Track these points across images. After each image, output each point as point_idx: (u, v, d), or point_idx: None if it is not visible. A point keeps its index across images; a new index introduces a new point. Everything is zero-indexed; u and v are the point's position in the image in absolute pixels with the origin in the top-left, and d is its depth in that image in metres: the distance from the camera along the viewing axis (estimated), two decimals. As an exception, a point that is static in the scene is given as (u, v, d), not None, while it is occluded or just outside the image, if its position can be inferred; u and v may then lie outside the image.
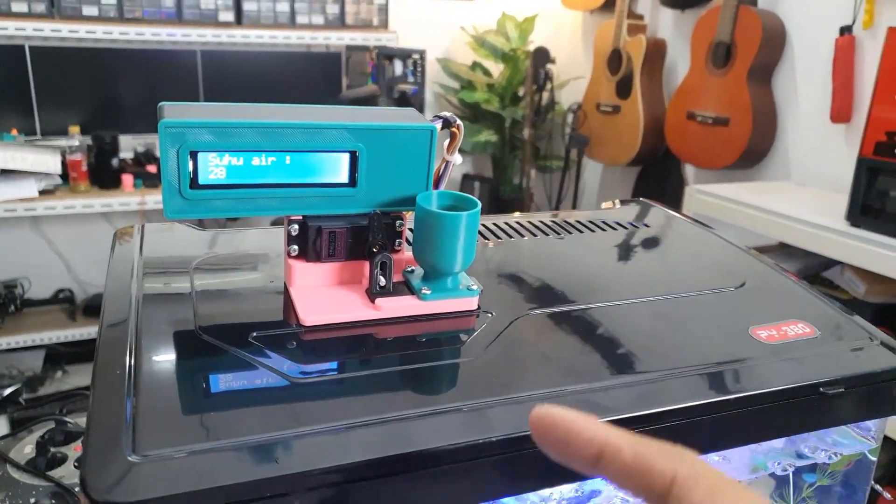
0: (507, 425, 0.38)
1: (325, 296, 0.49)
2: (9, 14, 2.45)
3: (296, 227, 0.49)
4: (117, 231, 0.61)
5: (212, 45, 2.81)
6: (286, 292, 0.51)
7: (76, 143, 2.55)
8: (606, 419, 0.40)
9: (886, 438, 1.65)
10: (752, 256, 0.62)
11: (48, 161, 2.45)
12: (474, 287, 0.50)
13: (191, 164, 0.46)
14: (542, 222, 0.67)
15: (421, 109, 2.96)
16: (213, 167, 0.46)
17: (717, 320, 0.53)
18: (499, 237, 0.64)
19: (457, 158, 0.60)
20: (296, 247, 0.49)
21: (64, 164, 2.50)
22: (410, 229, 0.51)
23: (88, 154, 2.59)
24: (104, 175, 2.59)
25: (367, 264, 0.50)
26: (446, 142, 0.58)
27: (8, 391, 1.97)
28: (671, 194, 2.75)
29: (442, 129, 0.55)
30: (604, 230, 0.65)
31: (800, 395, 0.46)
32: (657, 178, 2.86)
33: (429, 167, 0.51)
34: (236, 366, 0.42)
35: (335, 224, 0.49)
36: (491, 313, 0.50)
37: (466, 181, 3.34)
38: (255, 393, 0.40)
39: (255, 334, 0.45)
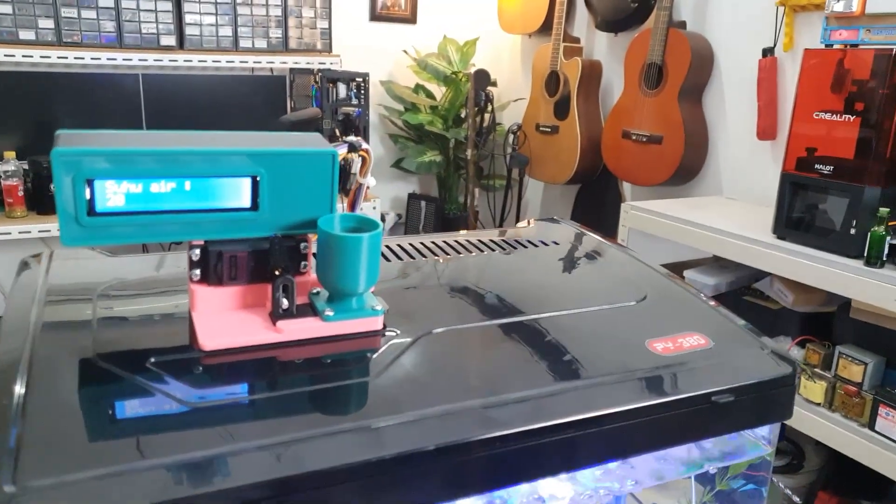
0: (406, 443, 0.39)
1: (227, 320, 0.49)
2: (-61, 39, 2.39)
3: (197, 251, 0.49)
4: (24, 258, 0.60)
5: (154, 69, 2.78)
6: (190, 318, 0.51)
7: (12, 167, 2.48)
8: (499, 433, 0.41)
9: (819, 444, 1.71)
10: (656, 272, 0.64)
11: (-19, 188, 2.39)
12: (378, 307, 0.51)
13: (87, 191, 0.46)
14: (456, 241, 0.69)
15: (365, 131, 2.97)
16: (112, 194, 0.46)
17: (616, 334, 0.55)
18: (413, 257, 0.65)
19: (370, 181, 0.61)
20: (198, 271, 0.50)
21: (0, 189, 2.43)
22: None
23: (25, 179, 2.52)
24: (42, 200, 2.53)
25: (269, 287, 0.50)
26: (357, 166, 0.59)
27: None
28: (609, 211, 2.82)
29: (348, 153, 0.56)
30: (515, 248, 0.67)
31: (693, 405, 0.48)
32: (596, 195, 2.93)
33: (332, 191, 0.52)
34: (131, 392, 0.42)
35: (237, 248, 0.50)
36: (396, 332, 0.51)
37: (413, 200, 3.36)
38: (149, 419, 0.40)
39: (153, 360, 0.45)
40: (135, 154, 0.46)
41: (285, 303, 0.49)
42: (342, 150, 0.53)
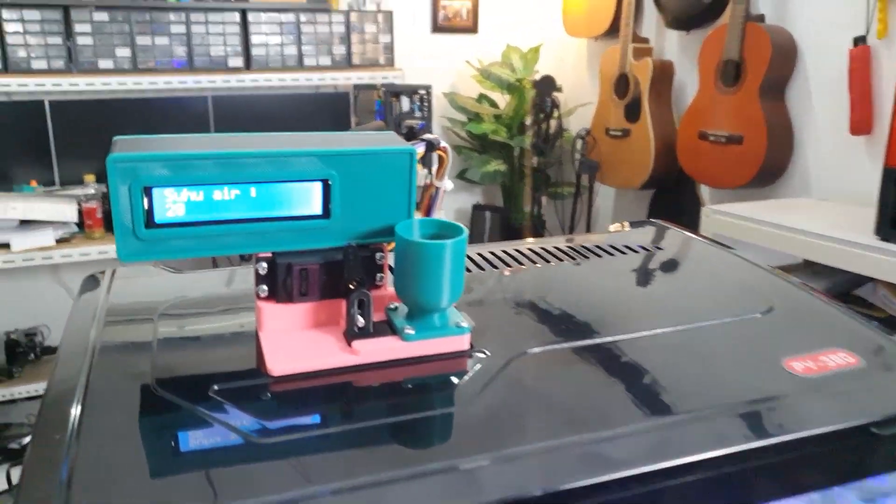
0: (504, 488, 0.33)
1: (298, 340, 0.44)
2: (29, 71, 2.51)
3: (264, 265, 0.45)
4: (86, 277, 0.57)
5: (222, 90, 2.84)
6: (257, 338, 0.46)
7: (91, 191, 2.57)
8: (617, 475, 0.34)
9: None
10: (777, 277, 0.56)
11: (65, 210, 2.49)
12: (464, 324, 0.45)
13: (145, 201, 0.41)
14: (543, 248, 0.62)
15: (429, 143, 2.93)
16: (171, 204, 0.42)
17: (743, 352, 0.47)
18: (495, 266, 0.58)
19: (447, 184, 0.55)
20: (265, 287, 0.45)
21: (80, 212, 2.52)
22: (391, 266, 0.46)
23: (103, 201, 2.60)
24: (120, 222, 2.60)
25: (343, 303, 0.45)
26: (434, 167, 0.54)
27: (27, 440, 1.93)
28: (687, 216, 2.68)
29: (426, 152, 0.50)
30: (612, 255, 0.60)
31: (848, 438, 0.40)
32: (672, 200, 2.80)
33: (410, 193, 0.46)
34: (191, 423, 0.37)
35: (307, 260, 0.45)
36: (485, 353, 0.45)
37: (477, 212, 3.30)
38: (209, 454, 0.35)
39: (216, 387, 0.40)
40: (195, 158, 0.41)
41: (361, 320, 0.44)
42: (420, 149, 0.47)
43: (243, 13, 2.74)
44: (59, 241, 2.47)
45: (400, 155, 0.45)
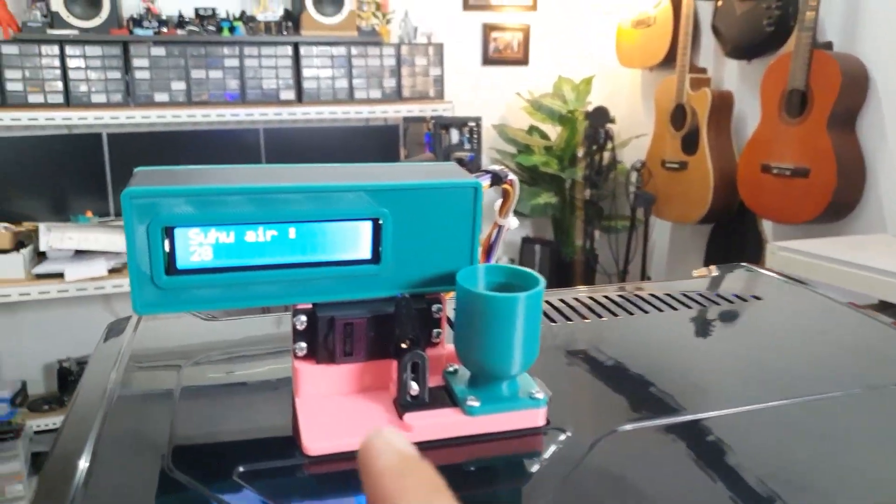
0: None
1: (339, 410, 0.37)
2: (89, 105, 2.57)
3: (303, 318, 0.38)
4: (111, 322, 0.52)
5: (274, 122, 2.86)
6: (293, 406, 0.39)
7: (144, 224, 2.59)
8: None
9: None
10: (905, 335, 0.47)
11: (117, 241, 2.52)
12: (540, 395, 0.37)
13: (166, 243, 0.35)
14: (621, 297, 0.54)
15: (478, 175, 2.88)
16: (196, 246, 0.36)
17: (883, 433, 0.38)
18: (568, 318, 0.51)
19: (512, 222, 0.48)
20: (303, 344, 0.38)
21: (133, 243, 2.55)
22: (450, 320, 0.39)
23: (153, 235, 2.63)
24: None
25: (394, 365, 0.38)
26: (498, 202, 0.47)
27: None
28: (749, 252, 2.55)
29: (491, 185, 0.43)
30: (704, 305, 0.51)
31: None
32: (732, 235, 2.67)
33: (473, 235, 0.39)
34: (210, 519, 0.30)
35: (353, 313, 0.38)
36: (565, 431, 0.37)
37: (526, 245, 3.22)
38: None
39: (241, 469, 0.33)
40: (225, 193, 0.35)
41: (415, 388, 0.36)
42: (485, 183, 0.40)
43: (296, 47, 2.76)
44: (112, 271, 2.50)
45: (463, 189, 0.38)
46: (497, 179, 0.43)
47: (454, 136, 2.99)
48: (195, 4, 2.70)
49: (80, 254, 2.49)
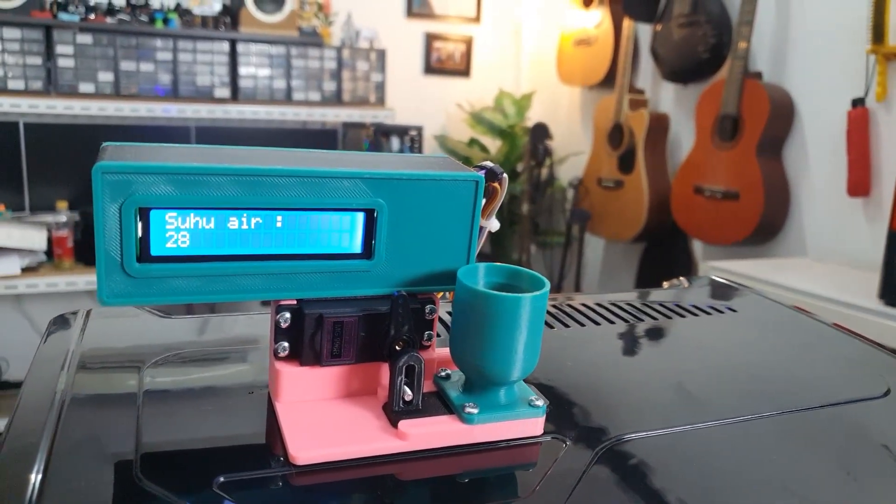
0: None
1: (326, 416, 0.34)
2: (4, 91, 2.40)
3: (287, 315, 0.35)
4: (53, 319, 0.46)
5: (206, 120, 2.75)
6: (271, 410, 0.35)
7: (63, 218, 2.43)
8: None
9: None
10: (882, 352, 0.48)
11: (34, 238, 2.35)
12: (539, 402, 0.35)
13: (140, 226, 0.32)
14: (598, 305, 0.53)
15: (417, 185, 2.87)
16: (173, 231, 0.32)
17: (874, 447, 0.38)
18: (550, 326, 0.49)
19: (493, 224, 0.47)
20: (286, 344, 0.35)
21: (50, 240, 2.38)
22: (442, 318, 0.36)
23: (75, 230, 2.47)
24: (90, 252, 2.47)
25: (384, 369, 0.35)
26: (482, 201, 0.45)
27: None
28: (679, 271, 2.63)
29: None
30: (683, 316, 0.51)
31: None
32: (663, 253, 2.75)
33: (471, 231, 0.37)
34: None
35: (343, 311, 0.35)
36: (565, 441, 0.35)
37: (464, 258, 3.22)
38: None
39: (221, 479, 0.30)
40: (209, 173, 0.32)
41: (409, 393, 0.34)
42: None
43: (233, 43, 2.68)
44: (25, 270, 2.33)
45: (464, 183, 0.36)
46: (492, 176, 0.41)
47: (395, 144, 2.96)
48: (127, -8, 2.58)
49: (-9, 250, 2.33)
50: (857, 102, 2.06)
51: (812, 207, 2.24)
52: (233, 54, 2.68)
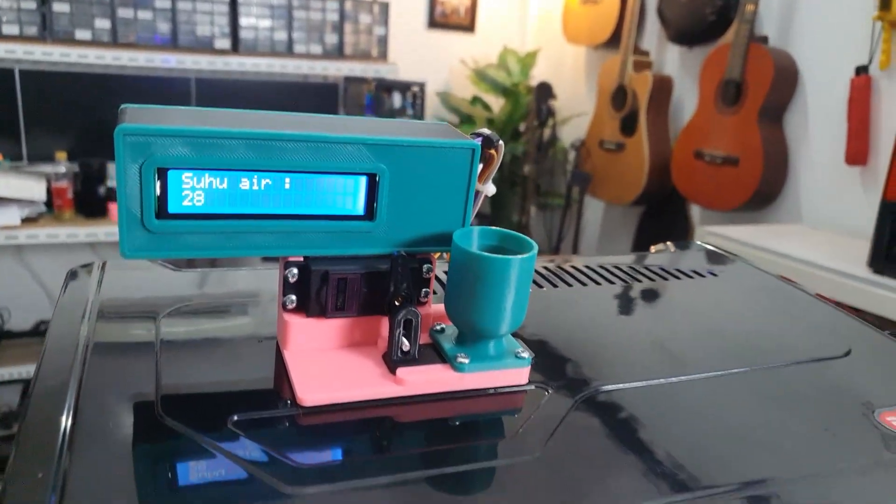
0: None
1: (331, 364, 0.37)
2: (-1, 36, 2.37)
3: (295, 271, 0.37)
4: (71, 270, 0.49)
5: (206, 72, 2.73)
6: (279, 357, 0.39)
7: (62, 169, 2.44)
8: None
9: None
10: (849, 317, 0.51)
11: (33, 188, 2.36)
12: (525, 354, 0.39)
13: (158, 185, 0.34)
14: (587, 267, 0.56)
15: (419, 142, 2.87)
16: (188, 191, 0.35)
17: (829, 402, 0.41)
18: (539, 285, 0.52)
19: (489, 188, 0.49)
20: (293, 297, 0.38)
21: (49, 191, 2.39)
22: (439, 278, 0.39)
23: (75, 181, 2.48)
24: (90, 203, 2.48)
25: (384, 321, 0.38)
26: (479, 167, 0.47)
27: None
28: (676, 235, 2.66)
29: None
30: (665, 279, 0.54)
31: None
32: (662, 217, 2.77)
33: (468, 196, 0.40)
34: (207, 466, 0.30)
35: (347, 268, 0.38)
36: (547, 390, 0.38)
37: (463, 217, 3.24)
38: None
39: (235, 418, 0.33)
40: (224, 137, 0.34)
41: (407, 344, 0.37)
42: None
43: (234, -7, 2.65)
44: (25, 221, 2.35)
45: (462, 150, 0.38)
46: (488, 143, 0.43)
47: (397, 100, 2.95)
48: (126, -64, 2.53)
49: (-11, 200, 2.34)
50: (861, 70, 2.05)
51: (810, 175, 2.25)
52: (233, 4, 2.65)
